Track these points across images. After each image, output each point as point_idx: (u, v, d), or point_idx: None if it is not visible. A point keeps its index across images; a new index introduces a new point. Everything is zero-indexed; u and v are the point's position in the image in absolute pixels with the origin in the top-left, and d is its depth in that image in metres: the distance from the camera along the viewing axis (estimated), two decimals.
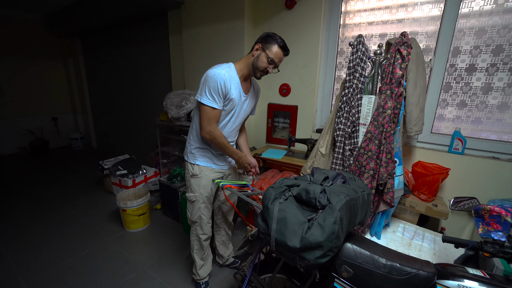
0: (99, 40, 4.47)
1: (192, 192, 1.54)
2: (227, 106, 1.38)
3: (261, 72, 1.36)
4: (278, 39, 1.32)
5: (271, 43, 1.32)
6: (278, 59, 1.35)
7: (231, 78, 1.33)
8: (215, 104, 1.31)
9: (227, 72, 1.32)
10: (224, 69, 1.32)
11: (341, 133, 1.51)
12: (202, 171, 1.51)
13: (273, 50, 1.32)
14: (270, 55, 1.31)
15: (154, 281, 1.83)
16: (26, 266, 1.95)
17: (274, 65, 1.35)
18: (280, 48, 1.32)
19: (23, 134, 4.90)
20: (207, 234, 1.63)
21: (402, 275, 0.81)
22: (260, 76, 1.39)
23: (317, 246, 0.74)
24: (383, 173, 1.36)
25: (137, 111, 4.14)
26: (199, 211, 1.56)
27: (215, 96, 1.29)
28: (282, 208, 0.83)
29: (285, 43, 1.35)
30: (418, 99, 1.44)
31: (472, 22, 1.57)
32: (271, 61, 1.33)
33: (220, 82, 1.28)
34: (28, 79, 4.86)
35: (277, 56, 1.33)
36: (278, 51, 1.32)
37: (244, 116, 1.54)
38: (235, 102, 1.38)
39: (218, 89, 1.28)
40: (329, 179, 0.93)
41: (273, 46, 1.32)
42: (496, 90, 1.58)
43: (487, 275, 0.75)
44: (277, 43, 1.32)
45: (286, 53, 1.36)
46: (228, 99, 1.35)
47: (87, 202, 3.00)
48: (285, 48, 1.34)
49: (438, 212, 1.54)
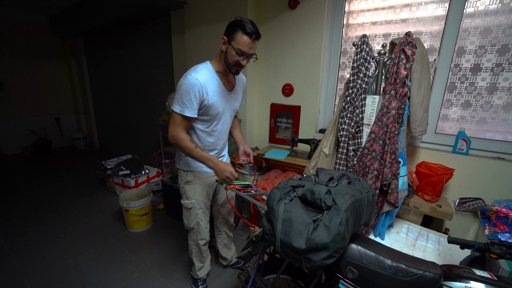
0: (102, 40, 4.48)
1: (188, 199, 1.50)
2: (210, 111, 1.30)
3: (235, 67, 1.24)
4: (243, 24, 1.14)
5: (235, 31, 1.15)
6: (248, 47, 1.17)
7: (207, 81, 1.24)
8: (187, 112, 1.22)
9: (203, 75, 1.23)
10: (199, 72, 1.23)
11: (345, 133, 1.51)
12: (196, 177, 1.47)
13: (238, 40, 1.15)
14: (237, 46, 1.16)
15: (157, 281, 1.83)
16: (30, 265, 1.96)
17: (245, 55, 1.20)
18: (246, 35, 1.14)
19: (26, 134, 4.93)
20: (206, 239, 1.61)
21: (408, 276, 0.81)
22: (236, 71, 1.28)
23: (323, 247, 0.73)
24: (387, 174, 1.36)
25: (140, 111, 4.15)
26: (196, 217, 1.52)
27: (187, 103, 1.21)
28: (287, 209, 0.82)
29: (252, 25, 1.15)
30: (422, 99, 1.44)
31: (477, 21, 1.56)
32: (240, 52, 1.18)
33: (192, 89, 1.19)
34: (31, 79, 4.89)
35: (244, 44, 1.16)
36: (244, 38, 1.15)
37: (233, 112, 1.48)
38: (217, 104, 1.31)
39: (191, 96, 1.20)
40: (334, 180, 0.92)
41: (237, 35, 1.15)
42: (501, 90, 1.57)
43: (494, 277, 0.75)
44: (241, 29, 1.14)
45: (256, 37, 1.17)
46: (206, 105, 1.27)
47: (90, 202, 3.01)
48: (251, 32, 1.14)
49: (442, 212, 1.52)
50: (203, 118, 1.34)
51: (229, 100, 1.39)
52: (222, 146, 1.52)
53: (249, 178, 2.27)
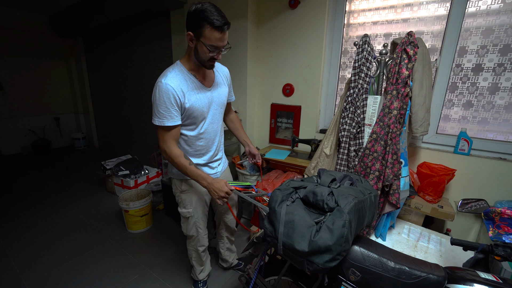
0: (101, 40, 4.47)
1: (186, 208, 1.44)
2: (192, 113, 1.23)
3: (209, 62, 1.16)
4: (208, 16, 1.02)
5: (202, 26, 1.04)
6: (220, 41, 1.08)
7: (180, 83, 1.16)
8: (166, 122, 1.16)
9: (173, 78, 1.15)
10: (168, 77, 1.15)
11: (346, 133, 1.50)
12: (191, 186, 1.41)
13: (208, 36, 1.05)
14: (208, 43, 1.07)
15: (157, 282, 1.82)
16: (29, 266, 1.95)
17: (217, 49, 1.11)
18: (215, 30, 1.04)
19: (25, 134, 4.91)
20: (205, 245, 1.59)
21: (411, 279, 0.80)
22: (210, 66, 1.19)
23: (326, 249, 0.72)
24: (388, 174, 1.35)
25: (139, 111, 4.13)
26: (195, 225, 1.49)
27: (165, 112, 1.15)
28: (289, 211, 0.81)
29: (218, 15, 1.04)
30: (424, 100, 1.43)
31: (479, 21, 1.55)
32: (213, 48, 1.09)
33: (166, 97, 1.12)
34: (31, 79, 4.87)
35: (216, 39, 1.06)
36: (215, 34, 1.05)
37: (220, 108, 1.39)
38: (197, 105, 1.23)
39: (167, 104, 1.13)
40: (337, 181, 0.92)
41: (205, 30, 1.04)
42: (503, 90, 1.56)
43: (499, 279, 0.74)
44: (208, 23, 1.03)
45: (226, 27, 1.07)
46: (186, 108, 1.20)
47: (90, 203, 2.99)
48: (221, 25, 1.04)
49: (444, 213, 1.52)
50: (187, 122, 1.26)
51: (210, 96, 1.30)
52: (217, 147, 1.44)
53: (250, 178, 2.26)
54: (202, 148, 1.37)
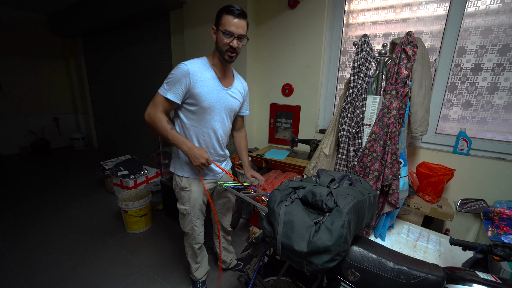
0: (100, 40, 4.46)
1: (183, 205, 1.47)
2: (199, 101, 1.26)
3: (228, 53, 1.23)
4: (225, 7, 1.19)
5: (220, 16, 1.20)
6: (234, 26, 1.18)
7: (198, 70, 1.24)
8: (169, 95, 1.22)
9: (194, 64, 1.25)
10: (191, 61, 1.25)
11: (345, 133, 1.50)
12: (191, 184, 1.42)
13: (224, 22, 1.18)
14: (223, 28, 1.18)
15: (156, 283, 1.81)
16: (27, 267, 1.94)
17: (233, 36, 1.19)
18: (229, 14, 1.17)
19: (24, 134, 4.89)
20: (200, 242, 1.59)
21: (410, 279, 0.80)
22: (229, 58, 1.25)
23: (325, 250, 0.72)
24: (388, 174, 1.35)
25: (139, 111, 4.13)
26: (191, 223, 1.51)
27: (172, 86, 1.22)
28: (288, 211, 0.81)
29: (233, 5, 1.18)
30: (423, 99, 1.43)
31: (478, 21, 1.55)
32: (228, 33, 1.18)
33: (180, 74, 1.21)
34: (30, 79, 4.86)
35: (229, 24, 1.17)
36: (228, 18, 1.17)
37: (230, 112, 1.40)
38: (207, 95, 1.26)
39: (176, 80, 1.21)
40: (336, 181, 0.91)
41: (222, 18, 1.19)
42: (502, 90, 1.56)
43: (498, 279, 0.74)
44: (224, 12, 1.18)
45: (239, 14, 1.18)
46: (194, 93, 1.24)
47: (89, 203, 2.99)
48: (233, 10, 1.17)
49: (443, 213, 1.52)
50: (193, 109, 1.29)
51: (224, 96, 1.33)
52: (221, 144, 1.44)
53: None
54: (204, 142, 1.37)
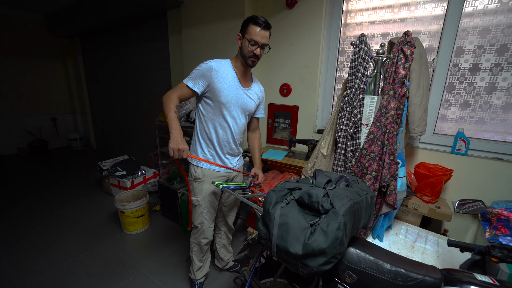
0: (98, 40, 4.44)
1: (195, 196, 1.51)
2: (217, 96, 1.36)
3: (251, 58, 1.34)
4: (253, 17, 1.29)
5: (247, 26, 1.31)
6: (259, 36, 1.29)
7: (221, 67, 1.36)
8: (190, 83, 1.33)
9: (219, 62, 1.36)
10: (217, 60, 1.37)
11: (343, 134, 1.49)
12: (204, 175, 1.46)
13: (250, 31, 1.29)
14: (250, 37, 1.29)
15: (153, 284, 1.80)
16: (23, 269, 1.93)
17: (257, 44, 1.30)
18: (255, 25, 1.28)
19: (21, 135, 4.87)
20: (208, 238, 1.60)
21: (407, 281, 0.79)
22: (252, 63, 1.36)
23: (320, 252, 0.71)
24: (385, 175, 1.34)
25: (137, 111, 4.11)
26: (201, 215, 1.53)
27: (194, 76, 1.33)
28: (283, 213, 0.80)
29: (259, 17, 1.29)
30: (421, 99, 1.42)
31: (476, 21, 1.55)
32: (253, 42, 1.29)
33: (204, 68, 1.32)
34: (27, 79, 4.84)
35: (255, 34, 1.28)
36: (254, 28, 1.28)
37: (245, 112, 1.49)
38: (226, 92, 1.37)
39: (199, 73, 1.33)
40: (332, 182, 0.90)
41: (249, 28, 1.29)
42: (500, 90, 1.56)
43: (496, 281, 0.73)
44: (251, 22, 1.29)
45: (265, 26, 1.29)
46: (214, 88, 1.34)
47: (86, 204, 2.97)
48: (260, 22, 1.28)
49: (441, 214, 1.51)
50: (211, 103, 1.39)
51: (241, 95, 1.43)
52: (232, 143, 1.50)
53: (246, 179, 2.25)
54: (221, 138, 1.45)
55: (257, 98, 1.55)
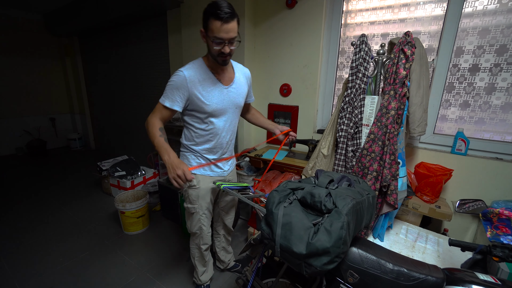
0: (97, 39, 4.43)
1: (191, 204, 1.45)
2: (203, 107, 1.25)
3: (220, 57, 1.18)
4: (212, 10, 1.06)
5: (208, 20, 1.09)
6: (223, 32, 1.08)
7: (196, 74, 1.22)
8: (166, 102, 1.23)
9: (191, 69, 1.22)
10: (187, 67, 1.23)
11: (344, 134, 1.49)
12: (199, 181, 1.41)
13: (212, 28, 1.08)
14: (212, 35, 1.10)
15: (153, 284, 1.80)
16: (22, 270, 1.91)
17: (222, 41, 1.11)
18: (217, 20, 1.06)
19: (20, 135, 4.85)
20: (208, 243, 1.58)
21: (410, 280, 0.79)
22: (222, 61, 1.21)
23: (324, 252, 0.71)
24: (386, 175, 1.34)
25: (136, 111, 4.10)
26: (199, 222, 1.49)
27: (170, 94, 1.22)
28: (287, 213, 0.80)
29: (220, 6, 1.05)
30: (421, 100, 1.42)
31: (475, 21, 1.56)
32: (217, 40, 1.11)
33: (177, 82, 1.20)
34: (25, 79, 4.81)
35: (218, 30, 1.08)
36: (215, 23, 1.07)
37: (236, 109, 1.40)
38: (210, 100, 1.25)
39: (173, 88, 1.21)
40: (334, 182, 0.91)
41: (210, 23, 1.08)
42: (499, 91, 1.56)
43: (498, 281, 0.73)
44: (211, 15, 1.07)
45: (228, 17, 1.06)
46: (196, 99, 1.23)
47: (85, 204, 2.96)
48: (220, 14, 1.04)
49: (441, 213, 1.52)
50: (197, 114, 1.29)
51: (226, 96, 1.32)
52: (226, 146, 1.45)
53: (247, 179, 2.25)
54: (213, 145, 1.39)
55: (245, 87, 1.43)
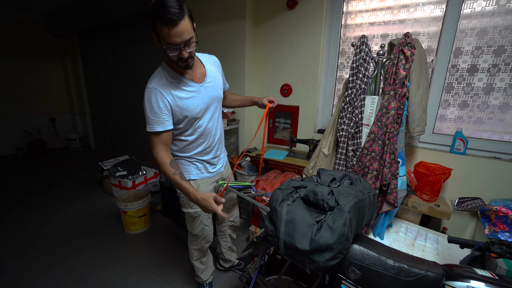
0: (97, 40, 4.44)
1: (192, 208, 1.41)
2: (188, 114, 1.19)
3: (181, 62, 1.05)
4: (156, 12, 0.91)
5: (155, 24, 0.94)
6: (174, 36, 0.94)
7: (167, 84, 1.11)
8: (157, 127, 1.11)
9: (159, 81, 1.11)
10: (154, 80, 1.11)
11: (344, 133, 1.51)
12: (199, 185, 1.38)
13: (161, 33, 0.94)
14: (164, 41, 0.96)
15: (156, 283, 1.81)
16: (26, 269, 1.93)
17: (176, 46, 0.98)
18: (163, 24, 0.91)
19: (20, 135, 4.85)
20: (211, 240, 1.59)
21: (410, 276, 0.81)
22: (185, 66, 1.08)
23: (327, 248, 0.73)
24: (386, 174, 1.36)
25: (136, 111, 4.11)
26: (201, 224, 1.48)
27: (154, 118, 1.10)
28: (290, 210, 0.82)
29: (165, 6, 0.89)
30: (421, 100, 1.45)
31: (474, 22, 1.58)
32: (170, 46, 0.98)
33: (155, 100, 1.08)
34: (25, 79, 4.82)
35: (168, 36, 0.94)
36: (163, 29, 0.92)
37: (217, 102, 1.33)
38: (192, 104, 1.18)
39: (155, 109, 1.09)
40: (336, 180, 0.93)
41: (158, 28, 0.94)
42: (497, 91, 1.59)
43: (496, 276, 0.75)
44: (157, 20, 0.92)
45: (174, 18, 0.90)
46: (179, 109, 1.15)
47: (87, 204, 2.97)
48: (164, 17, 0.89)
49: (440, 212, 1.54)
50: (182, 122, 1.22)
51: (205, 92, 1.24)
52: (218, 143, 1.42)
53: (248, 178, 2.27)
54: (204, 147, 1.35)
55: (219, 76, 1.35)
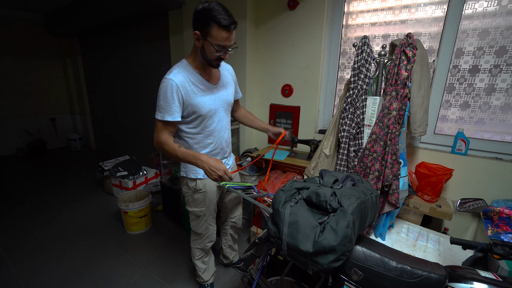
0: (98, 40, 4.43)
1: (198, 207, 1.44)
2: (197, 111, 1.23)
3: (216, 61, 1.18)
4: (215, 16, 1.03)
5: (209, 25, 1.05)
6: (226, 40, 1.09)
7: (185, 80, 1.18)
8: (167, 117, 1.17)
9: (178, 74, 1.17)
10: (173, 73, 1.17)
11: (346, 134, 1.51)
12: (205, 185, 1.39)
13: (215, 35, 1.06)
14: (216, 42, 1.08)
15: (157, 283, 1.81)
16: (27, 270, 1.93)
17: (224, 49, 1.12)
18: (223, 29, 1.05)
19: (20, 135, 4.85)
20: (213, 240, 1.59)
21: (413, 278, 0.81)
22: (217, 65, 1.20)
23: (331, 250, 0.73)
24: (388, 174, 1.36)
25: (137, 111, 4.11)
26: (205, 223, 1.50)
27: (166, 107, 1.16)
28: (293, 212, 0.82)
29: (226, 14, 1.05)
30: (422, 100, 1.44)
31: (475, 23, 1.58)
32: (220, 48, 1.10)
33: (170, 92, 1.14)
34: (26, 79, 4.82)
35: (223, 39, 1.07)
36: (220, 33, 1.05)
37: (227, 107, 1.39)
38: (203, 102, 1.24)
39: (169, 99, 1.15)
40: (339, 182, 0.92)
41: (212, 30, 1.05)
42: (499, 91, 1.59)
43: (499, 277, 0.75)
44: (215, 22, 1.04)
45: (233, 26, 1.08)
46: (191, 105, 1.20)
47: (87, 204, 2.97)
48: (228, 24, 1.05)
49: (442, 213, 1.54)
50: (192, 120, 1.26)
51: (217, 94, 1.31)
52: (226, 145, 1.45)
53: (249, 179, 2.27)
54: (212, 148, 1.37)
55: (232, 83, 1.42)
